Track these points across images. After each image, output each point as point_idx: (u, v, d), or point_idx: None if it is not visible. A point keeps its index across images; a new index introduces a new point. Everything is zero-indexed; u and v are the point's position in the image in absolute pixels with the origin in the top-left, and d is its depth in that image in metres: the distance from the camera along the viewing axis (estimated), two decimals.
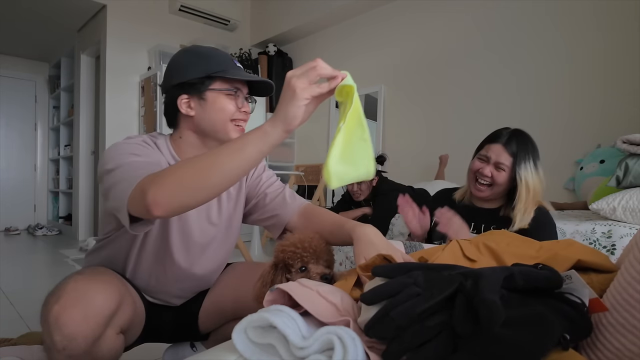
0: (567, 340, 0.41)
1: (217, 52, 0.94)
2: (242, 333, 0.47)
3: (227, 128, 0.92)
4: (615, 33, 2.16)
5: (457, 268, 0.49)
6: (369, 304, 0.46)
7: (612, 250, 1.34)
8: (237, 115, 0.92)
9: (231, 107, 0.91)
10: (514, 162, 1.20)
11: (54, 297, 0.74)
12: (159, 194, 0.63)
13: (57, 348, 0.70)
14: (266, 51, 4.17)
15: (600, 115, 2.21)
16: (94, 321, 0.72)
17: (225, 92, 0.91)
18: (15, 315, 1.85)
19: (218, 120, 0.91)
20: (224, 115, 0.91)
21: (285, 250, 0.79)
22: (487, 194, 1.24)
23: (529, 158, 1.21)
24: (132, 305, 0.88)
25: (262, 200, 1.02)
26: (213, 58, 0.91)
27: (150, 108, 3.45)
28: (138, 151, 0.82)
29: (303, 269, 0.77)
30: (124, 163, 0.76)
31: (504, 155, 1.21)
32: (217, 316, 1.04)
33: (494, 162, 1.22)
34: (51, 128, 5.21)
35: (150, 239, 0.93)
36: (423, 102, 3.10)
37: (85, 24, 3.93)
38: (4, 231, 4.68)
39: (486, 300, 0.38)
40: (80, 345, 0.71)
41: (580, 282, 0.48)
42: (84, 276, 0.80)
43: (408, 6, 3.19)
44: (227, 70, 0.90)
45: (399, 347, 0.41)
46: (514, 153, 1.21)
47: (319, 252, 0.78)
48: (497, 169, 1.22)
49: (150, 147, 0.90)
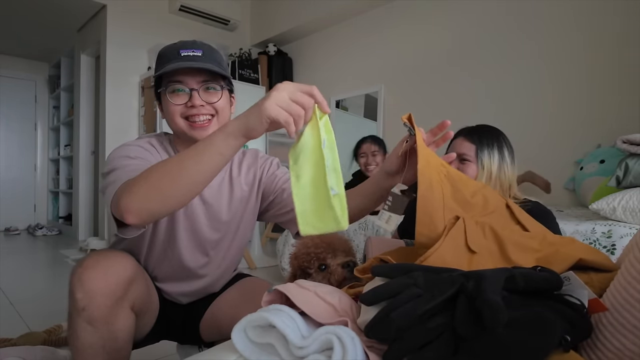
0: (568, 341, 0.41)
1: (169, 47, 0.88)
2: (242, 332, 0.47)
3: (180, 127, 0.88)
4: (615, 33, 2.16)
5: (457, 270, 0.49)
6: (369, 304, 0.46)
7: (612, 250, 1.34)
8: (187, 112, 0.86)
9: (174, 104, 0.86)
10: (477, 150, 1.12)
11: (79, 265, 0.78)
12: (130, 201, 0.64)
13: (78, 308, 0.74)
14: (266, 51, 4.17)
15: (600, 115, 2.21)
16: (113, 280, 0.75)
17: (167, 91, 0.86)
18: (16, 315, 1.85)
19: (170, 121, 0.89)
20: (171, 115, 0.87)
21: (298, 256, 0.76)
22: None
23: (492, 146, 1.13)
24: (145, 283, 0.89)
25: (279, 195, 0.99)
26: (161, 57, 0.87)
27: (150, 108, 3.45)
28: (134, 153, 0.82)
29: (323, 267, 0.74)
30: (118, 166, 0.77)
31: (465, 145, 1.14)
32: (215, 330, 1.03)
33: (457, 155, 1.13)
34: (51, 128, 5.21)
35: (158, 237, 0.93)
36: (423, 102, 3.10)
37: (85, 24, 3.93)
38: (4, 231, 4.68)
39: (489, 300, 0.38)
40: (99, 306, 0.74)
41: (578, 283, 0.48)
42: (105, 250, 0.85)
43: (408, 6, 3.19)
44: (166, 66, 0.84)
45: (399, 348, 0.41)
46: (476, 142, 1.13)
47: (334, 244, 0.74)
48: (461, 161, 1.13)
49: (149, 150, 0.89)
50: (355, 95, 3.62)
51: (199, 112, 0.86)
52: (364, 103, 3.60)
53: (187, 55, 0.86)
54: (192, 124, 0.87)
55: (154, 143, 0.92)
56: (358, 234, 2.05)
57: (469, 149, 1.13)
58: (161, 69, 0.86)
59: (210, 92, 0.88)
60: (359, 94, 3.58)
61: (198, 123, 0.87)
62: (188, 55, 0.86)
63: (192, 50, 0.86)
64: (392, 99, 3.32)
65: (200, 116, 0.87)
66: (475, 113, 2.75)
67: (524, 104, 2.53)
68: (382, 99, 3.37)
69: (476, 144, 1.14)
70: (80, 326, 0.75)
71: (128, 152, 0.82)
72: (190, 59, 0.85)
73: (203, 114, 0.87)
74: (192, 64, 0.84)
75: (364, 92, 3.52)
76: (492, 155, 1.14)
